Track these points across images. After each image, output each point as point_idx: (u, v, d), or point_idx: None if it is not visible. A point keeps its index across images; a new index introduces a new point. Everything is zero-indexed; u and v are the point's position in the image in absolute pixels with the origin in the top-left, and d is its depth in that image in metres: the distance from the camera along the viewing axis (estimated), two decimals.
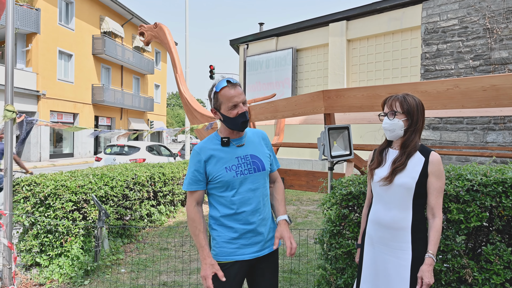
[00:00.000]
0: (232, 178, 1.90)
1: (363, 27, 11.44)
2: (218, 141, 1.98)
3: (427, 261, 1.84)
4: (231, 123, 1.92)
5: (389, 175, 1.91)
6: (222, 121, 1.96)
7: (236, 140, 2.00)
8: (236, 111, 1.89)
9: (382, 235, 1.97)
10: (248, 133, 2.07)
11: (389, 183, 1.91)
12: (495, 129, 8.97)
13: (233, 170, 1.91)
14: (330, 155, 2.87)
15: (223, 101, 1.89)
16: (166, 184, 6.25)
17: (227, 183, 1.90)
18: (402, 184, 1.89)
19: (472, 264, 2.43)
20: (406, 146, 1.94)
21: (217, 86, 1.90)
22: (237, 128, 1.94)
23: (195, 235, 1.90)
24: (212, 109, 1.98)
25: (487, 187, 2.39)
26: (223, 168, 1.90)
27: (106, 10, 25.81)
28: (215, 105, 1.94)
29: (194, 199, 1.93)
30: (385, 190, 1.96)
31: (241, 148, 1.99)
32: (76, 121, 23.29)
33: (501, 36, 8.78)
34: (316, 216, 6.79)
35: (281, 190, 2.17)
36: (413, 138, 1.94)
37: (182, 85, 8.54)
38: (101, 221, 3.91)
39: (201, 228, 1.90)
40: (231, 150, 1.97)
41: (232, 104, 1.88)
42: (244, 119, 1.92)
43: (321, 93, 4.34)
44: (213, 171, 1.91)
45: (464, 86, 3.43)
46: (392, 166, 1.93)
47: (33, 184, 4.16)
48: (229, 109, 1.89)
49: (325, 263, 2.81)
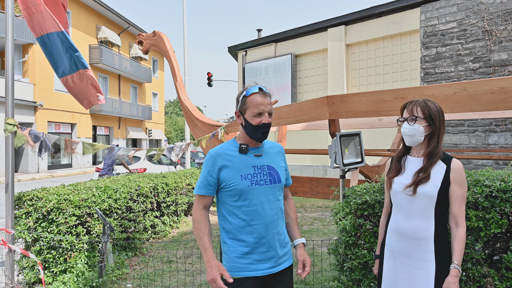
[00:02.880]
0: (246, 187, 1.83)
1: (362, 32, 11.45)
2: (236, 147, 1.93)
3: (453, 272, 1.78)
4: (252, 131, 1.88)
5: (413, 187, 1.85)
6: (243, 126, 1.92)
7: (254, 149, 1.95)
8: (260, 120, 1.86)
9: (404, 246, 1.90)
10: (266, 145, 2.02)
11: (413, 195, 1.85)
12: (497, 131, 8.95)
13: (248, 179, 1.85)
14: (342, 163, 2.81)
15: (249, 106, 1.86)
16: (170, 194, 6.17)
17: (240, 192, 1.83)
18: (424, 193, 1.83)
19: (493, 272, 2.36)
20: (433, 156, 1.88)
21: (248, 91, 1.88)
22: (256, 137, 1.89)
23: (199, 237, 1.84)
24: (237, 112, 1.93)
25: (506, 193, 2.33)
26: (238, 176, 1.84)
27: (103, 19, 25.84)
28: (240, 108, 1.91)
29: (202, 203, 1.89)
30: (406, 199, 1.89)
31: (259, 158, 1.94)
32: (74, 131, 23.18)
33: (500, 38, 8.79)
34: (322, 224, 6.71)
35: (294, 207, 2.14)
36: (438, 146, 1.88)
37: (182, 93, 8.49)
38: (105, 235, 3.81)
39: (205, 231, 1.85)
40: (248, 158, 1.91)
41: (258, 112, 1.85)
42: (265, 130, 1.88)
43: (325, 99, 4.29)
44: (227, 177, 1.85)
45: (472, 89, 3.39)
46: (416, 177, 1.86)
47: (35, 198, 4.07)
48: (253, 115, 1.86)
49: (340, 275, 2.73)
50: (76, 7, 22.87)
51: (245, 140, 1.95)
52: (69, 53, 4.14)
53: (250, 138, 1.93)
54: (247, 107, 1.87)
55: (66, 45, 4.12)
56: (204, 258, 1.82)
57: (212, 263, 1.78)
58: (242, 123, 1.92)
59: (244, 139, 1.95)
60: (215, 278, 1.75)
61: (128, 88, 29.57)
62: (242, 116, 1.90)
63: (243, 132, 1.95)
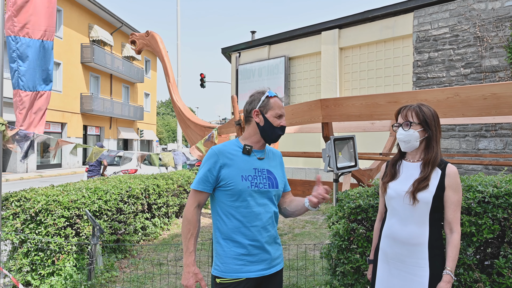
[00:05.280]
0: (246, 188, 1.83)
1: (355, 36, 11.51)
2: (239, 147, 1.93)
3: (445, 278, 1.77)
4: (270, 131, 1.91)
5: (413, 196, 1.82)
6: (259, 126, 1.92)
7: (257, 152, 1.95)
8: (280, 122, 1.92)
9: (398, 251, 1.89)
10: (268, 149, 2.03)
11: (413, 204, 1.83)
12: (487, 136, 9.05)
13: (248, 180, 1.85)
14: (336, 167, 2.79)
15: (273, 107, 1.91)
16: (161, 196, 6.10)
17: (239, 192, 1.83)
18: (419, 199, 1.82)
19: (484, 278, 2.37)
20: (432, 163, 1.85)
21: (271, 92, 1.94)
22: (271, 137, 1.93)
23: (186, 238, 1.83)
24: (256, 111, 1.92)
25: (499, 199, 2.34)
26: (239, 176, 1.84)
27: (95, 18, 25.62)
28: (261, 107, 1.91)
29: (197, 200, 1.87)
30: (400, 204, 1.88)
31: (260, 161, 1.94)
32: (64, 131, 22.90)
33: (491, 44, 8.90)
34: (314, 227, 6.70)
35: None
36: (436, 152, 1.86)
37: (175, 94, 8.43)
38: (95, 237, 3.75)
39: (194, 233, 1.84)
40: (251, 160, 1.91)
41: (280, 113, 1.91)
42: (281, 133, 1.94)
43: (319, 102, 4.28)
44: (228, 176, 1.84)
45: (464, 95, 3.40)
46: (416, 186, 1.83)
47: (23, 199, 3.98)
48: (275, 116, 1.91)
49: (332, 279, 2.71)
50: (68, 5, 22.64)
51: (251, 141, 1.95)
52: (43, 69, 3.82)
53: (259, 139, 1.94)
54: (270, 108, 1.91)
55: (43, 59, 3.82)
56: (184, 261, 1.82)
57: (191, 269, 1.80)
58: (259, 122, 1.91)
59: (251, 140, 1.95)
60: (189, 285, 1.79)
61: (120, 88, 29.33)
62: (263, 116, 1.91)
63: (253, 132, 1.95)
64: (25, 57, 3.79)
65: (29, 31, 3.81)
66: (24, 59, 3.79)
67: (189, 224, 1.84)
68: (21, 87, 3.80)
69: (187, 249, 1.82)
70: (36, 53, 3.85)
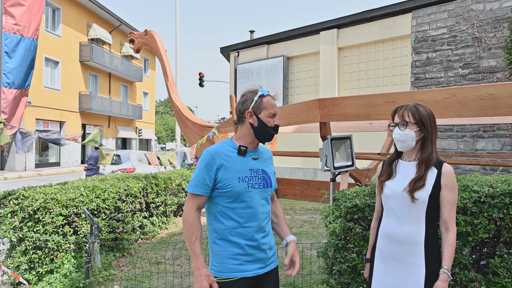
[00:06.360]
0: (243, 190, 1.83)
1: (354, 36, 11.53)
2: (234, 148, 1.91)
3: (442, 277, 1.79)
4: (264, 130, 1.90)
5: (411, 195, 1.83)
6: (253, 126, 1.91)
7: (252, 152, 1.95)
8: (273, 121, 1.91)
9: (394, 250, 1.91)
10: (260, 149, 2.03)
11: (414, 201, 1.84)
12: (485, 137, 9.08)
13: (245, 181, 1.85)
14: (333, 166, 2.81)
15: (266, 106, 1.90)
16: (159, 195, 6.11)
17: (237, 194, 1.82)
18: (416, 197, 1.83)
19: (480, 277, 2.39)
20: (428, 163, 1.87)
21: (263, 91, 1.92)
22: (264, 137, 1.92)
23: (191, 242, 1.79)
24: (249, 111, 1.90)
25: (494, 199, 2.35)
26: (236, 178, 1.83)
27: (94, 16, 25.57)
28: (255, 108, 1.89)
29: (196, 203, 1.83)
30: (397, 203, 1.90)
31: (255, 161, 1.94)
32: (62, 129, 22.86)
33: (489, 45, 8.94)
34: (311, 226, 6.72)
35: (281, 208, 2.17)
36: (432, 151, 1.88)
37: (173, 93, 8.43)
38: (93, 235, 3.76)
39: (198, 235, 1.81)
40: (246, 160, 1.91)
41: (273, 113, 1.91)
42: (275, 132, 1.93)
43: (317, 101, 4.29)
44: (224, 178, 1.82)
45: (461, 95, 3.42)
46: (413, 186, 1.85)
47: (21, 197, 3.98)
48: (269, 116, 1.90)
49: (329, 278, 2.73)
50: (67, 4, 22.59)
51: (245, 141, 1.94)
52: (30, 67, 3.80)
53: (253, 139, 1.94)
54: (264, 107, 1.89)
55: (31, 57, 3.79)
56: (193, 265, 1.78)
57: (203, 271, 1.75)
58: (253, 123, 1.90)
59: (245, 140, 1.94)
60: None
61: (118, 86, 29.29)
62: (256, 116, 1.89)
63: (247, 132, 1.93)
64: (14, 54, 3.75)
65: (20, 29, 3.78)
66: (12, 56, 3.76)
67: (192, 227, 1.80)
68: (6, 84, 3.77)
69: (194, 252, 1.78)
70: (25, 51, 3.83)
